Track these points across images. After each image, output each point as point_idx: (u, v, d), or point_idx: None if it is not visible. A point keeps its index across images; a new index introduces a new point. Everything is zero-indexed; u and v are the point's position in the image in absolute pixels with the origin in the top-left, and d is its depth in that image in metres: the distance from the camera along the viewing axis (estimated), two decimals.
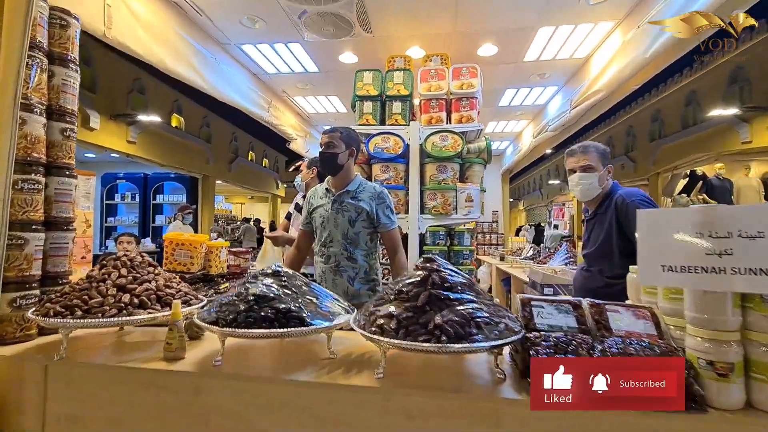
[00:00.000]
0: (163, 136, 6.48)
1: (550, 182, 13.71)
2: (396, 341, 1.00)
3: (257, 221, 11.42)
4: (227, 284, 2.49)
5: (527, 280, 3.25)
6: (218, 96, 3.19)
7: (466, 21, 2.85)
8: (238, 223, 12.01)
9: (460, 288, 1.12)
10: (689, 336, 1.01)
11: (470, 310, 1.07)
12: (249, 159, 10.79)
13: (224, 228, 11.16)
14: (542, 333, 1.11)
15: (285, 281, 1.27)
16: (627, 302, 1.25)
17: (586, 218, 1.85)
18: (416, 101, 2.87)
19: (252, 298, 1.17)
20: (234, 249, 2.57)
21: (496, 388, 1.03)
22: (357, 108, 2.69)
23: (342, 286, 1.78)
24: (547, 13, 2.77)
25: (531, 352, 1.03)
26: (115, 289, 1.30)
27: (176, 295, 1.41)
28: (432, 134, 2.53)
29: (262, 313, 1.13)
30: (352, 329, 1.14)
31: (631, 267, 1.39)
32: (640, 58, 2.44)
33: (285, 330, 1.10)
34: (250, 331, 1.09)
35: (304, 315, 1.16)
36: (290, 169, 14.77)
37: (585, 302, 1.21)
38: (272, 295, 1.18)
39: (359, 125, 2.66)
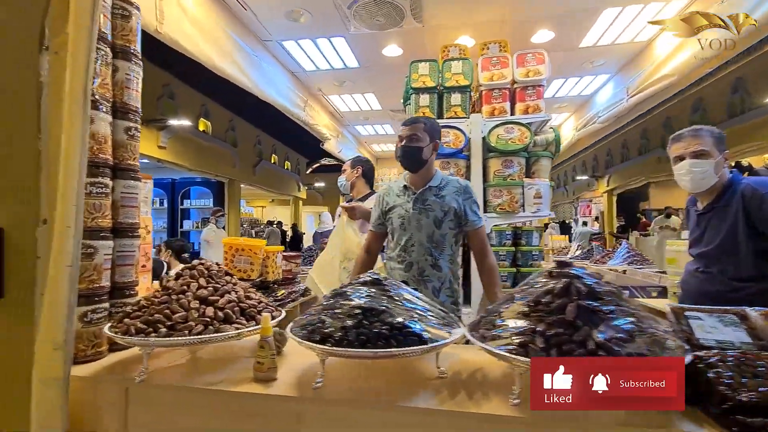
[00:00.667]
0: (191, 141, 6.44)
1: (578, 178, 13.30)
2: None
3: (279, 224, 11.35)
4: (284, 291, 2.36)
5: None
6: (261, 96, 3.08)
7: (524, 5, 2.66)
8: (262, 226, 12.00)
9: (609, 298, 0.95)
10: None
11: (630, 326, 0.89)
12: (272, 162, 10.75)
13: (248, 231, 11.15)
14: (713, 351, 0.92)
15: (388, 290, 1.11)
16: None
17: (696, 212, 1.64)
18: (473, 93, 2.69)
19: (359, 311, 1.02)
20: (286, 254, 2.45)
21: (668, 418, 0.85)
22: (412, 101, 2.52)
23: (427, 297, 1.59)
24: None
25: (710, 374, 0.86)
26: (197, 302, 1.17)
27: (258, 307, 1.27)
28: (496, 126, 2.35)
29: (375, 330, 0.97)
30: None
31: None
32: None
33: (407, 349, 0.94)
34: (366, 351, 0.94)
35: (422, 330, 1.00)
36: (308, 171, 14.70)
37: (752, 312, 1.02)
38: (382, 307, 1.03)
39: None
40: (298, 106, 3.83)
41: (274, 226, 11.02)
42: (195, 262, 1.33)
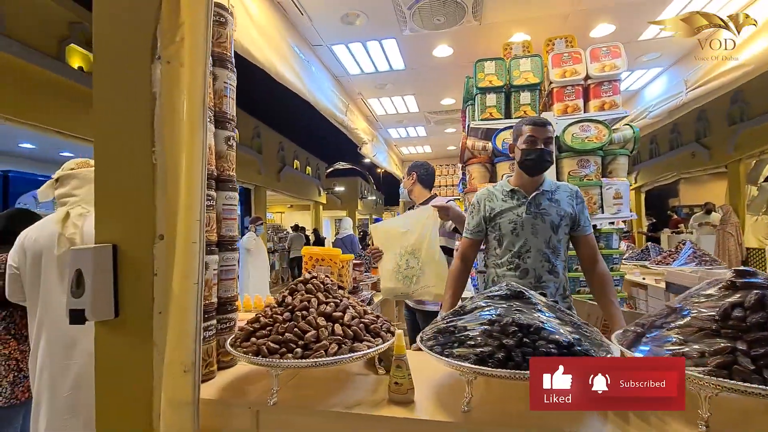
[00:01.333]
0: None
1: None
2: None
3: (303, 229, 11.37)
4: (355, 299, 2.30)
5: (661, 286, 2.90)
6: (314, 102, 3.04)
7: None
8: (286, 231, 12.04)
9: None
10: None
11: None
12: (295, 167, 10.79)
13: (272, 237, 11.19)
14: None
15: (536, 305, 1.03)
16: None
17: None
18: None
19: (515, 329, 0.94)
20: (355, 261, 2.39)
21: None
22: (477, 101, 2.44)
23: None
24: None
25: None
26: (323, 318, 1.10)
27: (378, 322, 1.20)
28: (571, 124, 2.25)
29: (543, 350, 0.89)
30: None
31: None
32: None
33: None
34: (526, 372, 0.86)
35: (589, 349, 0.91)
36: (328, 170, 14.68)
37: None
38: (540, 324, 0.94)
39: (481, 120, 2.42)
40: (341, 111, 3.78)
41: (299, 231, 11.04)
42: (307, 275, 1.26)
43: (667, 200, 11.47)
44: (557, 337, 0.91)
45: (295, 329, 1.07)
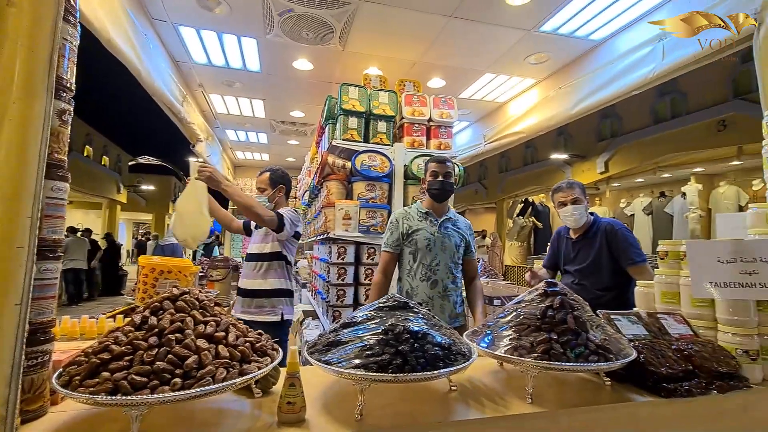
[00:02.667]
0: None
1: None
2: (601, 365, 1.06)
3: (87, 232, 8.93)
4: None
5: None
6: (149, 85, 2.56)
7: (435, 54, 3.07)
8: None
9: (582, 307, 1.26)
10: (722, 332, 1.39)
11: (612, 331, 1.22)
12: (85, 155, 8.56)
13: None
14: (633, 342, 1.34)
15: (417, 312, 1.17)
16: (660, 309, 1.59)
17: (571, 240, 2.21)
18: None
19: (408, 335, 1.05)
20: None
21: (617, 391, 1.19)
22: (340, 121, 2.56)
23: (448, 310, 1.82)
24: (496, 63, 3.24)
25: (641, 359, 1.25)
26: (204, 341, 0.96)
27: (263, 340, 1.12)
28: (417, 157, 2.62)
29: (431, 353, 1.02)
30: None
31: (638, 282, 1.77)
32: (566, 113, 3.11)
33: (457, 367, 1.02)
34: (424, 374, 0.98)
35: (460, 346, 1.10)
36: (131, 162, 12.15)
37: (643, 313, 1.51)
38: (426, 330, 1.08)
39: (342, 140, 2.54)
40: (178, 100, 3.30)
41: (79, 234, 8.60)
42: (175, 290, 1.06)
43: None
44: (440, 340, 1.07)
45: (169, 356, 0.89)
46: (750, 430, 1.23)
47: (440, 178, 1.84)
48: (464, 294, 2.00)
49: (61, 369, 0.92)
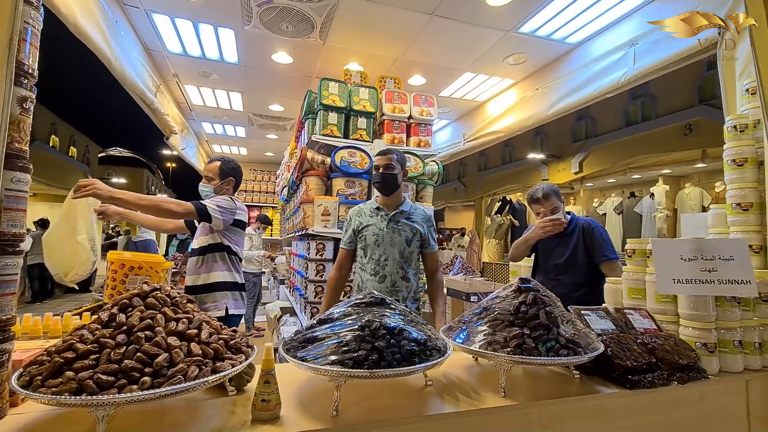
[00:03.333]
0: None
1: None
2: (573, 358, 1.09)
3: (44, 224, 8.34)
4: None
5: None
6: (120, 73, 2.46)
7: (416, 52, 3.08)
8: (27, 229, 8.78)
9: (553, 303, 1.30)
10: (683, 327, 1.46)
11: (581, 326, 1.26)
12: (51, 145, 8.16)
13: None
14: (602, 336, 1.39)
15: (395, 309, 1.18)
16: (627, 305, 1.65)
17: (548, 237, 2.24)
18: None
19: (384, 332, 1.05)
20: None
21: (585, 383, 1.24)
22: (320, 117, 2.53)
23: None
24: (476, 63, 3.28)
25: (608, 352, 1.29)
26: (175, 338, 0.94)
27: (237, 337, 1.10)
28: None
29: (407, 348, 1.03)
30: None
31: (608, 279, 1.84)
32: (543, 114, 3.18)
33: (433, 363, 1.04)
34: (400, 369, 0.99)
35: (435, 342, 1.12)
36: (101, 154, 11.65)
37: (611, 308, 1.57)
38: (402, 326, 1.09)
39: (322, 135, 2.51)
40: (151, 90, 3.19)
41: (37, 229, 8.14)
42: (146, 287, 1.03)
43: (436, 223, 14.42)
44: (416, 336, 1.08)
45: (138, 354, 0.86)
46: (707, 418, 1.30)
47: (381, 171, 1.80)
48: (420, 291, 1.96)
49: (21, 369, 0.88)
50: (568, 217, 2.21)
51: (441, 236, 13.88)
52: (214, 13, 2.58)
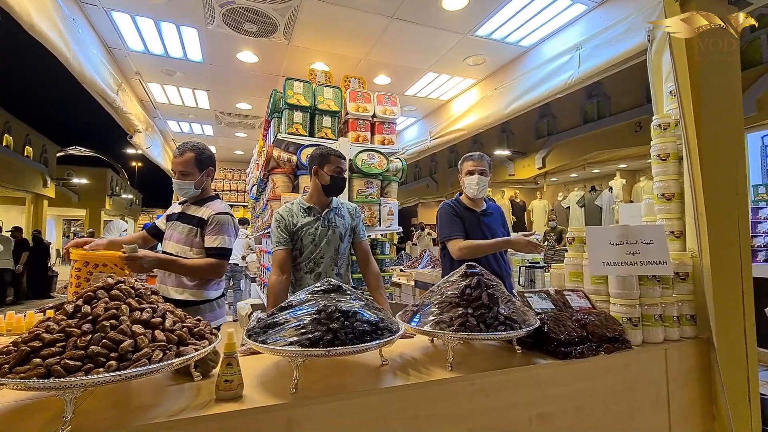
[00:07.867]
0: None
1: None
2: (508, 333, 1.23)
3: (17, 230, 8.05)
4: None
5: (411, 284, 3.81)
6: (79, 72, 2.43)
7: (380, 53, 3.18)
8: None
9: (495, 286, 1.44)
10: (613, 304, 1.64)
11: (519, 305, 1.40)
12: (4, 145, 7.75)
13: None
14: (541, 315, 1.54)
15: (350, 294, 1.28)
16: (568, 286, 1.82)
17: (477, 213, 2.21)
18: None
19: (339, 314, 1.15)
20: None
21: (525, 356, 1.39)
22: (285, 116, 2.58)
23: None
24: (437, 63, 3.41)
25: (545, 329, 1.44)
26: (140, 326, 1.00)
27: (201, 325, 1.17)
28: (361, 152, 2.72)
29: (360, 329, 1.13)
30: None
31: (553, 264, 2.01)
32: (501, 113, 3.35)
33: (384, 341, 1.14)
34: (353, 347, 1.09)
35: (391, 324, 1.23)
36: (59, 153, 11.10)
37: (551, 290, 1.73)
38: (356, 309, 1.19)
39: (288, 134, 2.57)
40: (112, 89, 3.14)
41: (7, 233, 7.81)
42: (110, 280, 1.08)
43: (410, 218, 14.56)
44: (369, 318, 1.18)
45: (104, 340, 0.93)
46: (630, 383, 1.48)
47: (344, 176, 1.87)
48: (354, 283, 2.05)
49: None
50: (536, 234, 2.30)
51: (415, 231, 14.06)
52: (175, 12, 2.59)
